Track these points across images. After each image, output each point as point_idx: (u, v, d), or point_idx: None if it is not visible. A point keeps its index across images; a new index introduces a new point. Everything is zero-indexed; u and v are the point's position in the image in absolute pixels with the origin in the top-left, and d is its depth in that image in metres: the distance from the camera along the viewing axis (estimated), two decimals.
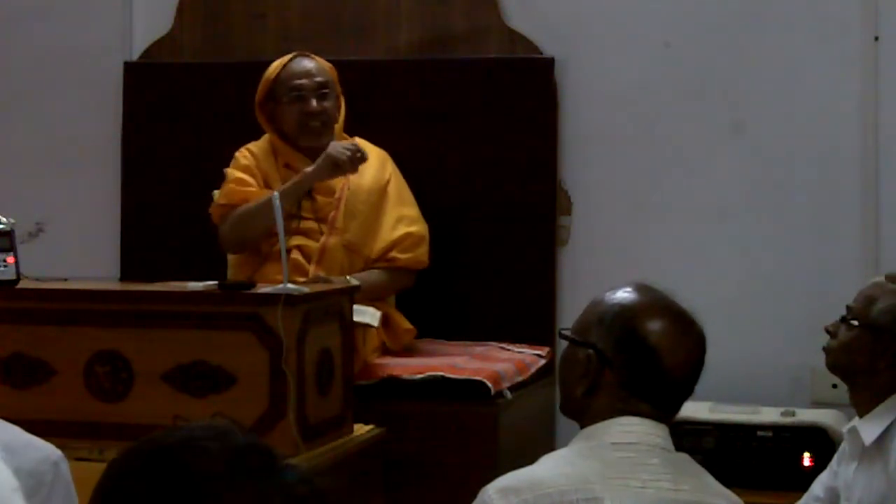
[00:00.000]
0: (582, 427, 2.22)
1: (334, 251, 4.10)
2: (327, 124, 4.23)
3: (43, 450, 2.41)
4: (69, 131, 4.91)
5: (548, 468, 2.15)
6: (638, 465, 2.14)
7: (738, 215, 4.45)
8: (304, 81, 4.21)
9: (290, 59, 4.27)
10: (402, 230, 4.22)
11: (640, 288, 2.25)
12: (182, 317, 3.39)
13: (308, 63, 4.26)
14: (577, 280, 4.45)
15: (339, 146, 4.09)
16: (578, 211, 4.56)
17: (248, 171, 4.22)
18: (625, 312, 2.20)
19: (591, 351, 2.21)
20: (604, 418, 2.18)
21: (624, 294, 2.23)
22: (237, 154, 4.27)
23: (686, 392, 2.23)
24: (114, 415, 3.37)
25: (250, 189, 4.19)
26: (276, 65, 4.26)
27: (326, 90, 4.23)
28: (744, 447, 3.95)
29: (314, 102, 4.20)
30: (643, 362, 2.18)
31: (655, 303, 2.22)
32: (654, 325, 2.19)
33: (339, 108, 4.29)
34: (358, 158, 4.07)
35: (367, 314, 3.97)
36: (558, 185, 4.55)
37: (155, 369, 3.35)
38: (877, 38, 4.35)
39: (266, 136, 4.30)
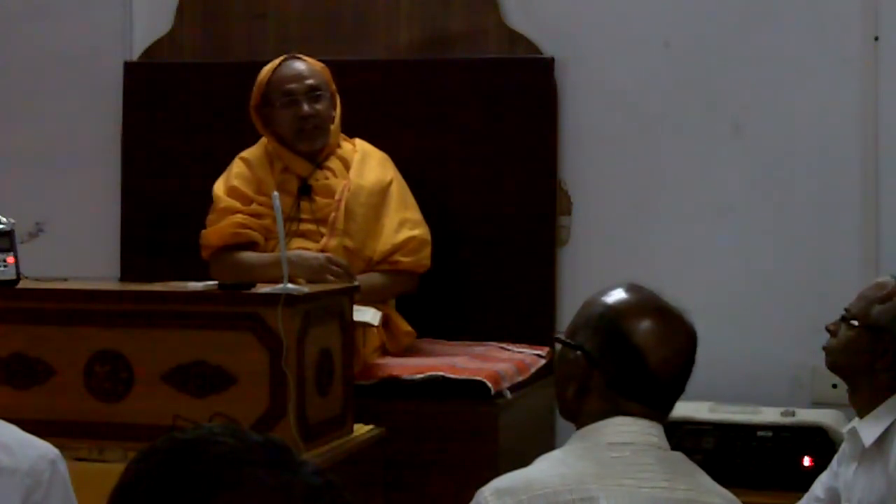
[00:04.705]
0: (577, 428, 2.22)
1: (335, 253, 4.10)
2: (321, 127, 4.22)
3: (40, 449, 2.41)
4: (69, 131, 4.91)
5: (543, 469, 2.16)
6: (633, 464, 2.14)
7: (738, 215, 4.45)
8: (294, 86, 4.20)
9: (281, 63, 4.25)
10: (406, 234, 4.22)
11: (629, 288, 2.25)
12: (182, 317, 3.38)
13: (299, 65, 4.25)
14: (577, 280, 4.45)
15: (330, 274, 3.95)
16: (578, 211, 4.56)
17: (237, 192, 4.20)
18: (610, 313, 2.21)
19: (579, 352, 2.21)
20: (596, 419, 2.19)
21: (611, 295, 2.24)
22: (231, 165, 4.27)
23: (676, 391, 2.23)
24: (114, 415, 3.37)
25: (240, 218, 4.17)
26: (267, 69, 4.25)
27: (319, 92, 4.22)
28: (744, 447, 3.95)
29: (306, 107, 4.19)
30: (628, 362, 2.18)
31: (641, 303, 2.23)
32: (639, 325, 2.19)
33: (335, 107, 4.28)
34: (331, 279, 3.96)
35: (367, 313, 3.97)
36: (558, 185, 4.55)
37: (155, 369, 3.35)
38: (877, 38, 4.35)
39: (262, 141, 4.30)
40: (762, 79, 4.43)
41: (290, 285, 3.34)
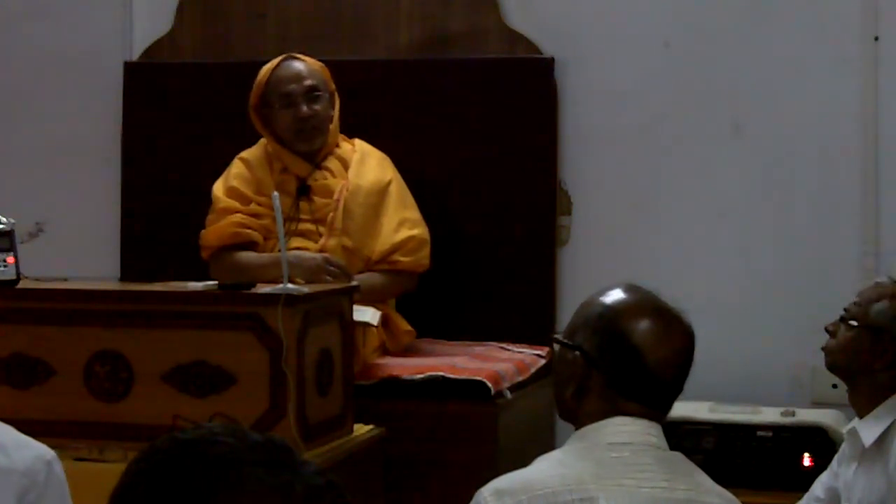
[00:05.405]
0: (576, 428, 2.22)
1: (333, 252, 4.10)
2: (319, 128, 4.22)
3: (37, 450, 2.41)
4: (69, 131, 4.91)
5: (542, 469, 2.16)
6: (632, 464, 2.14)
7: (738, 215, 4.45)
8: (293, 87, 4.20)
9: (279, 63, 4.25)
10: (405, 233, 4.22)
11: (627, 288, 2.25)
12: (182, 317, 3.38)
13: (297, 65, 4.25)
14: (577, 280, 4.45)
15: (327, 275, 3.96)
16: (578, 211, 4.56)
17: (236, 192, 4.20)
18: (608, 313, 2.21)
19: (577, 353, 2.21)
20: (595, 419, 2.19)
21: (609, 295, 2.24)
22: (230, 165, 4.28)
23: (674, 390, 2.23)
24: (114, 415, 3.36)
25: (239, 218, 4.18)
26: (266, 69, 4.25)
27: (317, 93, 4.22)
28: (744, 447, 3.95)
29: (305, 108, 4.19)
30: (627, 362, 2.18)
31: (639, 303, 2.23)
32: (637, 325, 2.19)
33: (334, 106, 4.28)
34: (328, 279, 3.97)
35: (367, 313, 3.97)
36: (558, 185, 4.55)
37: (155, 369, 3.35)
38: (877, 38, 4.35)
39: (261, 142, 4.30)
40: (762, 79, 4.43)
41: (290, 285, 3.34)
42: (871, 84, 4.35)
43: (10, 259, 3.43)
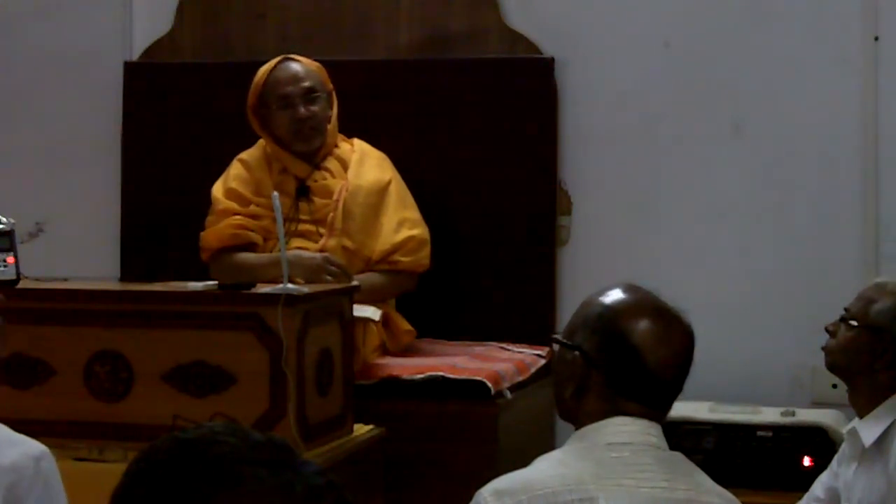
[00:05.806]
0: (576, 429, 2.22)
1: (333, 253, 4.10)
2: (318, 128, 4.22)
3: (26, 446, 2.42)
4: (69, 131, 4.91)
5: (542, 470, 2.16)
6: (632, 464, 2.14)
7: (738, 215, 4.45)
8: (290, 88, 4.20)
9: (276, 64, 4.25)
10: (405, 233, 4.22)
11: (626, 288, 2.25)
12: (182, 317, 3.38)
13: (294, 66, 4.25)
14: (577, 280, 4.45)
15: (327, 274, 3.97)
16: (578, 211, 4.56)
17: (235, 193, 4.21)
18: (607, 313, 2.21)
19: (577, 353, 2.21)
20: (595, 419, 2.19)
21: (609, 295, 2.24)
22: (229, 166, 4.28)
23: (674, 390, 2.23)
24: (114, 415, 3.37)
25: (238, 220, 4.18)
26: (263, 70, 4.25)
27: (315, 94, 4.22)
28: (744, 447, 3.95)
29: (302, 109, 4.19)
30: (627, 362, 2.18)
31: (638, 302, 2.23)
32: (637, 325, 2.19)
33: (332, 106, 4.28)
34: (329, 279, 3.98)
35: (368, 310, 3.97)
36: (558, 185, 4.55)
37: (155, 369, 3.35)
38: (877, 38, 4.35)
39: (260, 142, 4.30)
40: (762, 79, 4.43)
41: (290, 285, 3.34)
42: (871, 84, 4.35)
43: (10, 259, 3.43)
